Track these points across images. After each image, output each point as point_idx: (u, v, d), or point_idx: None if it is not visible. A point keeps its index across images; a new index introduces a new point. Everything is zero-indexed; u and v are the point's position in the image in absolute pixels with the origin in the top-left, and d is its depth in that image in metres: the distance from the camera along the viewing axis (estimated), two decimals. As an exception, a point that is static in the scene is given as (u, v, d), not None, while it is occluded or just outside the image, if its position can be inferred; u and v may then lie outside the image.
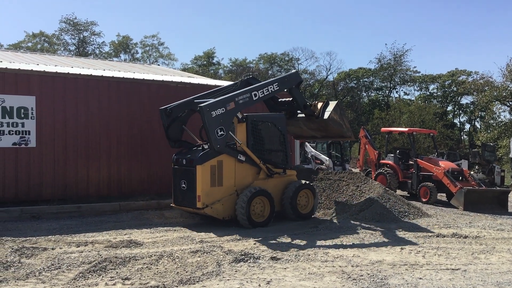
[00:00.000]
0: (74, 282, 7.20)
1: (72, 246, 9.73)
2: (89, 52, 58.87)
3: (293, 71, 14.07)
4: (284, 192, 13.05)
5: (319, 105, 13.98)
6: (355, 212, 13.61)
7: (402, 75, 61.82)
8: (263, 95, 12.84)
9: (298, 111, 14.12)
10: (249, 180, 12.62)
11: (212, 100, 12.00)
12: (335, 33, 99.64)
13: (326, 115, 13.72)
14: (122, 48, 63.12)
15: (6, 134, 13.77)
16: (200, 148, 12.64)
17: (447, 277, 7.77)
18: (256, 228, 11.92)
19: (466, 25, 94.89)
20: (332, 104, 13.93)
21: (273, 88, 13.11)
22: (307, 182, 13.60)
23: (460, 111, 64.48)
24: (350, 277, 7.61)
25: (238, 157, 12.38)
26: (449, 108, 63.29)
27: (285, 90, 13.79)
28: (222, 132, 11.80)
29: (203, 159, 11.99)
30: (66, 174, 14.49)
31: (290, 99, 14.19)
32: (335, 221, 13.02)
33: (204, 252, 9.11)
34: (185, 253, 9.04)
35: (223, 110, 11.82)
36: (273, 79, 13.52)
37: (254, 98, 12.60)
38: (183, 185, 12.42)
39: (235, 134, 12.47)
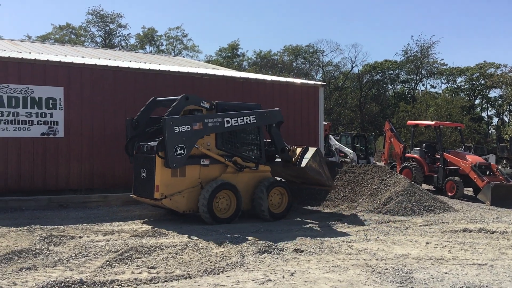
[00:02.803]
0: (101, 270, 7.33)
1: (99, 234, 9.90)
2: (115, 44, 59.49)
3: (276, 109, 13.00)
4: (255, 188, 12.22)
5: (298, 150, 13.02)
6: (380, 205, 13.52)
7: (428, 67, 60.89)
8: (236, 124, 11.82)
9: (276, 155, 13.08)
10: (215, 173, 11.78)
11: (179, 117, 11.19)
12: (361, 25, 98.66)
13: (303, 163, 12.67)
14: (147, 40, 63.58)
15: (35, 124, 14.04)
16: None
17: (473, 272, 7.67)
18: (220, 224, 11.15)
19: (495, 17, 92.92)
20: (311, 151, 12.92)
21: (249, 120, 12.07)
22: (281, 179, 12.69)
23: (488, 105, 63.24)
24: (374, 270, 7.57)
25: (202, 163, 11.56)
26: (477, 101, 62.17)
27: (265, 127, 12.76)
28: (181, 151, 10.84)
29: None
30: (93, 164, 14.73)
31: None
32: (359, 214, 12.94)
33: (228, 243, 9.17)
34: (210, 244, 9.11)
35: (188, 128, 10.99)
36: (252, 111, 12.34)
37: (226, 125, 11.64)
38: (143, 174, 11.57)
39: None
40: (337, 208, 14.05)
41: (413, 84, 63.62)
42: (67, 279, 6.62)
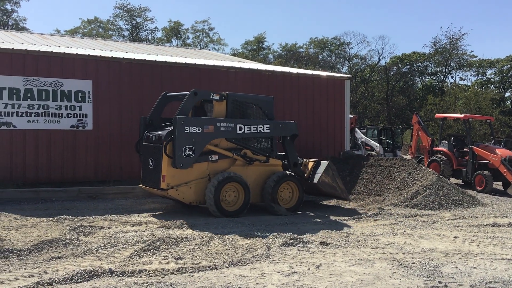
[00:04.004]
0: (129, 260, 7.46)
1: (127, 225, 10.07)
2: (142, 38, 59.99)
3: (292, 121, 12.75)
4: (265, 182, 12.03)
5: (310, 164, 12.89)
6: (407, 199, 13.39)
7: (458, 59, 59.72)
8: (249, 131, 11.70)
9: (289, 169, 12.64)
10: (224, 166, 11.66)
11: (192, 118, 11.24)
12: (388, 17, 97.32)
13: (316, 179, 12.56)
14: (174, 33, 63.93)
15: (65, 117, 14.30)
16: None
17: (502, 267, 7.56)
18: (227, 217, 11.03)
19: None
20: (323, 165, 12.73)
21: (263, 129, 11.91)
22: (292, 173, 12.38)
23: (519, 98, 61.77)
24: (401, 264, 7.52)
25: (210, 159, 11.44)
26: (507, 94, 60.69)
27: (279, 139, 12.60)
28: (190, 152, 10.82)
29: (172, 135, 10.96)
30: (121, 156, 14.94)
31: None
32: (385, 208, 12.84)
33: (253, 235, 9.22)
34: (235, 236, 9.18)
35: (199, 130, 10.96)
36: (267, 120, 12.20)
37: (238, 131, 11.53)
38: (151, 164, 11.46)
39: (212, 115, 11.66)
40: (363, 201, 13.97)
41: (442, 76, 62.52)
42: (97, 269, 6.75)
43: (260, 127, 11.89)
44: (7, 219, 10.24)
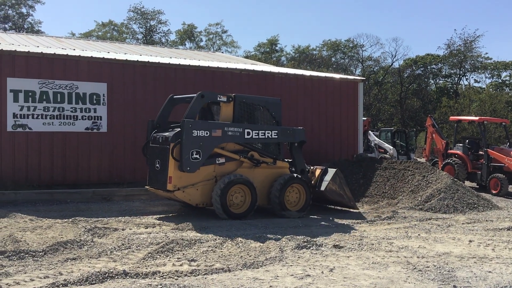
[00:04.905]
0: (143, 261, 7.49)
1: (141, 227, 10.12)
2: (155, 41, 60.36)
3: (300, 128, 12.64)
4: (272, 185, 11.89)
5: (317, 172, 12.75)
6: (421, 202, 13.29)
7: (472, 61, 59.23)
8: (257, 137, 11.64)
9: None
10: (231, 168, 11.56)
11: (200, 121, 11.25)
12: (402, 19, 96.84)
13: (323, 186, 12.42)
14: (187, 36, 64.23)
15: (80, 119, 14.44)
16: None
17: (518, 272, 7.47)
18: (233, 219, 10.96)
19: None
20: (331, 172, 12.59)
21: (271, 135, 11.84)
22: (299, 176, 12.22)
23: (535, 100, 61.04)
24: (415, 268, 7.47)
25: (217, 162, 11.36)
26: (523, 96, 60.08)
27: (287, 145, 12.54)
28: (197, 156, 10.78)
29: (179, 137, 10.86)
30: (135, 158, 15.02)
31: None
32: (399, 211, 12.76)
33: (267, 238, 9.22)
34: (249, 238, 9.18)
35: (207, 133, 10.90)
36: (275, 126, 12.10)
37: (246, 136, 11.47)
38: (157, 165, 11.39)
39: (219, 117, 11.56)
40: (376, 204, 13.90)
41: (456, 78, 62.02)
42: (111, 270, 6.79)
43: (268, 133, 11.82)
44: (22, 220, 10.35)
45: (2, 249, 7.82)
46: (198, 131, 10.79)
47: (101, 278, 6.51)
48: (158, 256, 7.80)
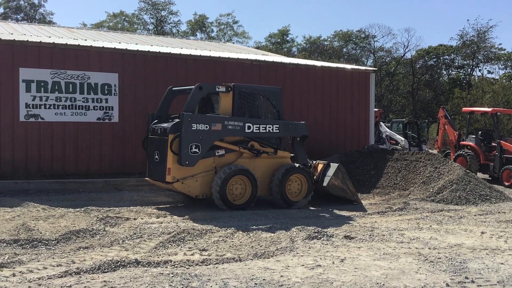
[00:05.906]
0: (155, 250, 7.54)
1: (152, 217, 10.18)
2: (166, 31, 60.34)
3: (302, 122, 12.46)
4: (273, 175, 11.74)
5: (319, 167, 12.65)
6: (433, 194, 13.22)
7: (485, 52, 58.56)
8: (258, 131, 11.47)
9: None
10: (231, 158, 11.42)
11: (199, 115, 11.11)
12: (414, 9, 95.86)
13: (325, 182, 12.34)
14: (198, 27, 64.13)
15: (91, 110, 14.51)
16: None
17: (531, 264, 7.41)
18: (234, 210, 10.85)
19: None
20: (333, 167, 12.49)
21: (272, 129, 11.66)
22: (301, 166, 12.05)
23: (549, 91, 60.26)
24: (427, 259, 7.44)
25: (216, 154, 11.21)
26: (537, 87, 59.34)
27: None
28: (196, 150, 10.66)
29: (177, 128, 10.78)
30: (146, 149, 15.07)
31: None
32: (411, 202, 12.70)
33: (277, 228, 9.23)
34: (259, 229, 9.20)
35: (206, 127, 10.78)
36: (277, 120, 11.93)
37: (246, 130, 11.32)
38: (156, 157, 11.30)
39: (219, 107, 11.42)
40: (387, 195, 13.85)
41: (469, 69, 61.39)
42: (123, 259, 6.85)
43: (269, 127, 11.65)
44: (35, 209, 10.45)
45: (16, 237, 7.91)
46: (197, 125, 10.66)
47: (113, 266, 6.56)
48: (170, 246, 7.84)
